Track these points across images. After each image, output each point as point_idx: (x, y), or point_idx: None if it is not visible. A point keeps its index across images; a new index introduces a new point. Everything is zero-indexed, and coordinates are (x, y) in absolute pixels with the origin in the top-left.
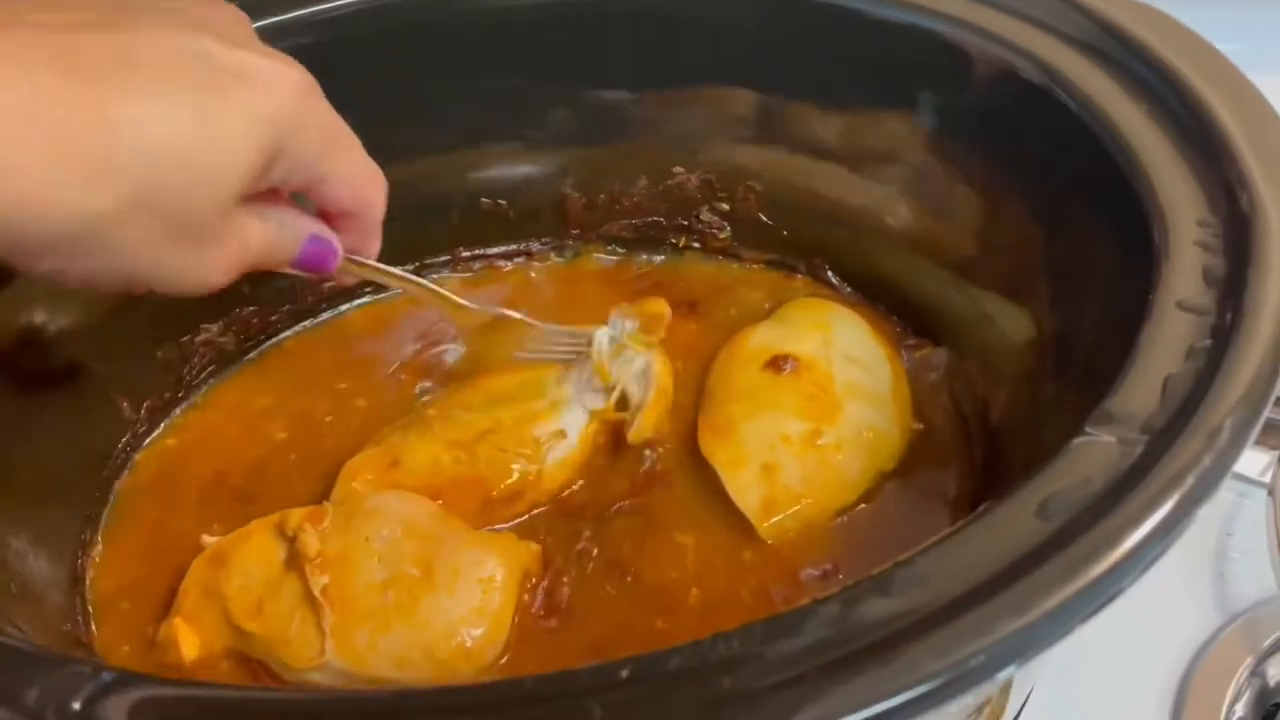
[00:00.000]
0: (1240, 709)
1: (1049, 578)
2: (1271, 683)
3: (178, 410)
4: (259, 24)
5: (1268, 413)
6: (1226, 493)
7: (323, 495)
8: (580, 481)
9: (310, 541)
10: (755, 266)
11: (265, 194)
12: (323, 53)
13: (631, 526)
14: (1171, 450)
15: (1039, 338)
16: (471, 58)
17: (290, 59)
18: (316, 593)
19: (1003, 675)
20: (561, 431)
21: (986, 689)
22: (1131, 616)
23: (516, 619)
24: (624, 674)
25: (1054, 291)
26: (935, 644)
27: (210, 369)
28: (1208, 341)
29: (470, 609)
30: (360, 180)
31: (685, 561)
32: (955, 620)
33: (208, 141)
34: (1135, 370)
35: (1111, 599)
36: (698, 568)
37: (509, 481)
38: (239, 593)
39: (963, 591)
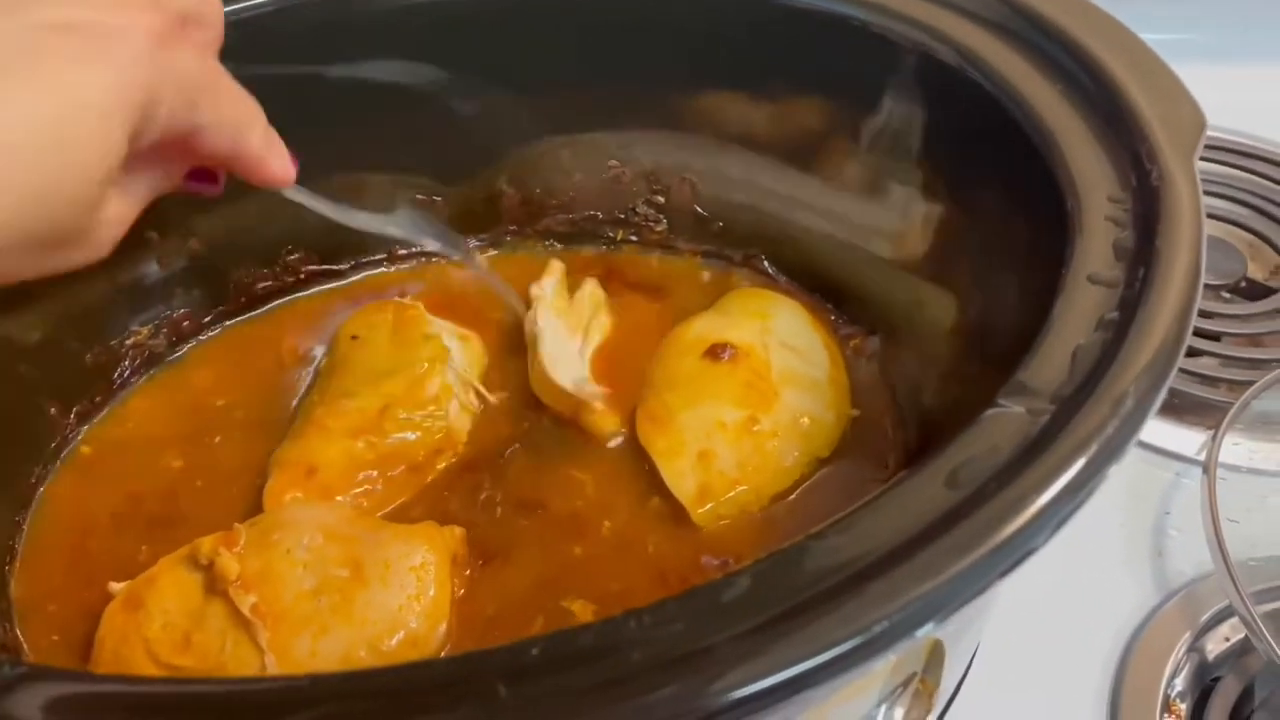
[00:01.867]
0: (1179, 684)
1: (955, 543)
2: (1209, 657)
3: (105, 411)
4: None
5: (1172, 379)
6: (1164, 472)
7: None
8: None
9: (229, 564)
10: (693, 259)
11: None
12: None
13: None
14: (1077, 418)
15: (964, 318)
16: (401, 51)
17: (142, 3)
18: (246, 612)
19: (909, 642)
20: (449, 386)
21: (897, 655)
22: (1070, 594)
23: (453, 602)
24: (534, 652)
25: (976, 272)
26: (844, 612)
27: (141, 372)
28: (1116, 313)
29: (408, 596)
30: (236, 124)
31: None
32: (863, 588)
33: (75, 113)
34: (1046, 343)
35: (1018, 563)
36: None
37: (427, 442)
38: (161, 632)
39: (872, 560)
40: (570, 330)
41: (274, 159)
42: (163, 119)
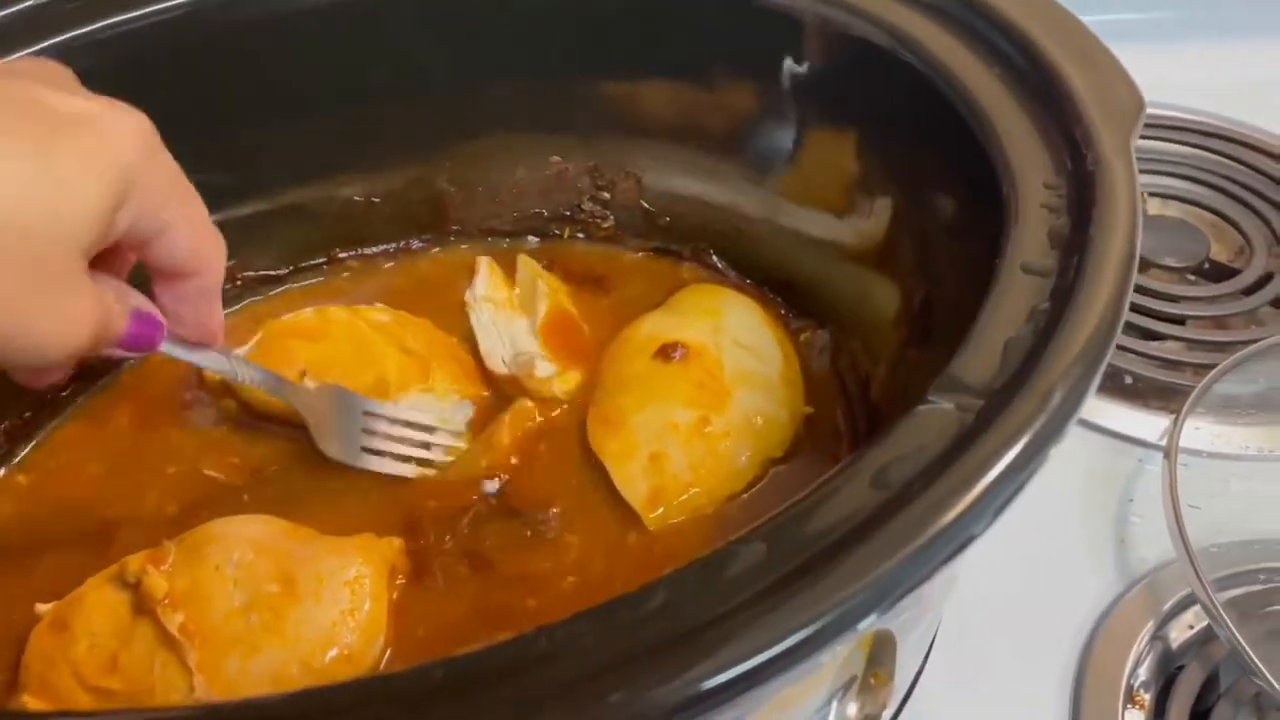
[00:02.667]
0: (1142, 673)
1: (879, 547)
2: (1173, 646)
3: (42, 432)
4: (105, 22)
5: (1103, 369)
6: (1127, 459)
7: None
8: None
9: (156, 583)
10: (641, 254)
11: (98, 261)
12: (168, 53)
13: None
14: (1005, 413)
15: (906, 307)
16: (335, 50)
17: (126, 105)
18: (173, 631)
19: (831, 646)
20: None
21: (830, 660)
22: (1032, 583)
23: (391, 616)
24: (437, 675)
25: (917, 259)
26: (764, 622)
27: (73, 386)
28: (1048, 303)
29: (340, 612)
30: (203, 232)
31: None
32: (790, 592)
33: (57, 186)
34: (977, 335)
35: (944, 562)
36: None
37: None
38: (88, 653)
39: (795, 565)
40: (513, 312)
41: (215, 310)
42: (140, 198)
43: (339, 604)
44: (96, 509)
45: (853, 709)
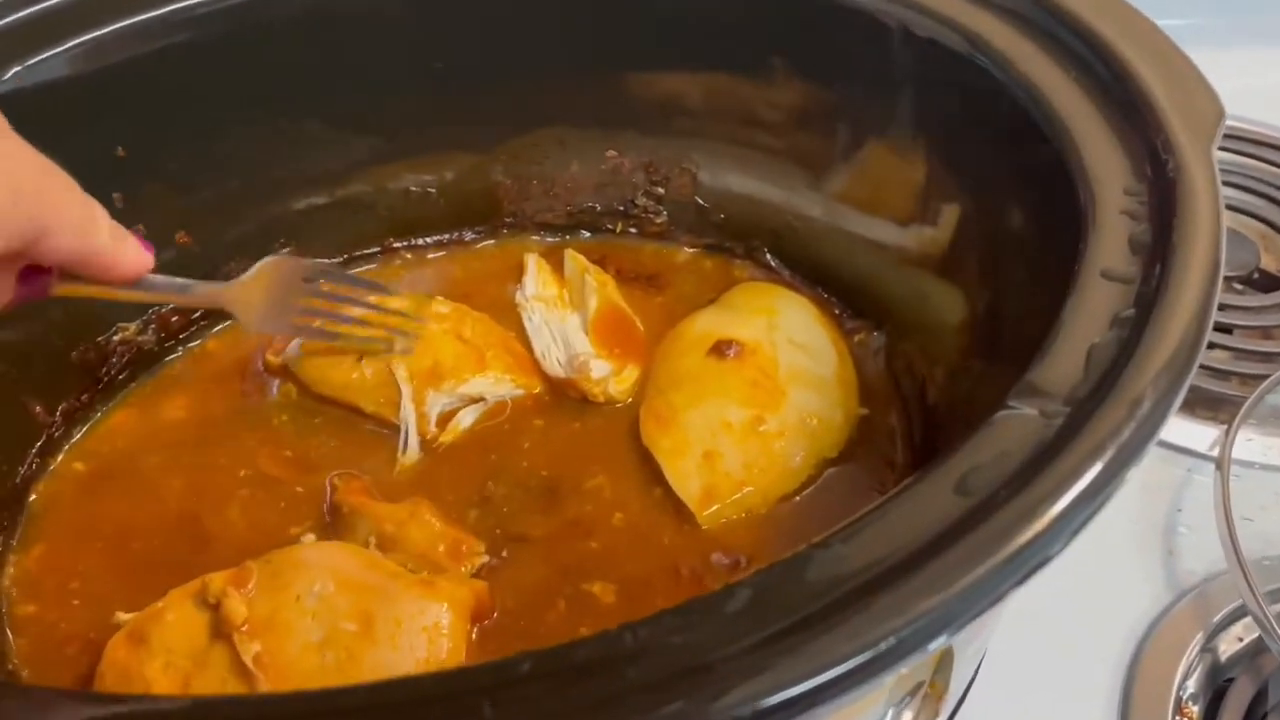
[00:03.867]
0: (1191, 685)
1: (966, 554)
2: (1222, 658)
3: (97, 414)
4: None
5: (1191, 379)
6: (1176, 468)
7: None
8: None
9: (236, 608)
10: (694, 251)
11: None
12: (232, 45)
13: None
14: (1093, 421)
15: (971, 314)
16: (394, 41)
17: None
18: (248, 661)
19: (913, 657)
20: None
21: (906, 670)
22: (1082, 593)
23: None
24: (524, 668)
25: (983, 266)
26: (850, 627)
27: (129, 370)
28: (1132, 310)
29: (417, 661)
30: (81, 222)
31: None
32: (870, 601)
33: None
34: (1059, 341)
35: (1031, 573)
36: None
37: None
38: (162, 672)
39: (879, 571)
40: (564, 310)
41: (126, 252)
42: (7, 224)
43: (415, 652)
44: (163, 504)
45: (907, 718)
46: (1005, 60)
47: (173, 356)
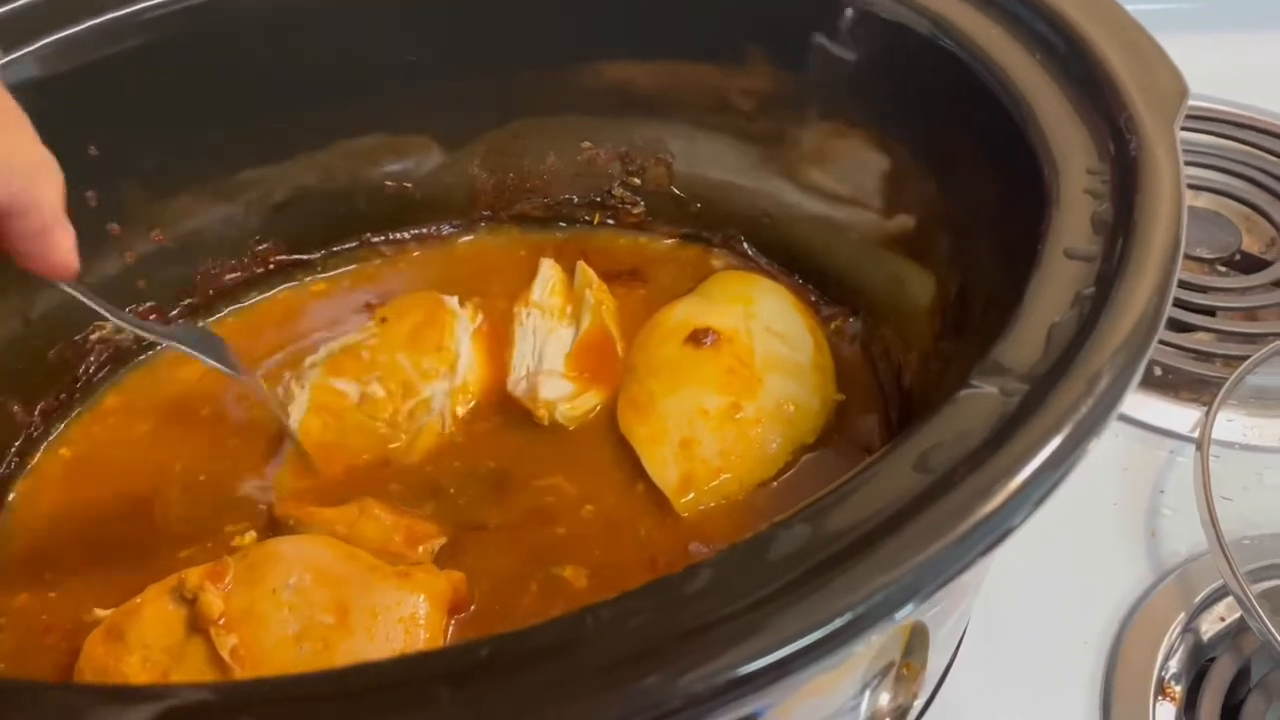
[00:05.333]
0: (1174, 665)
1: (923, 530)
2: (1205, 638)
3: (74, 413)
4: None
5: (1149, 355)
6: (1159, 450)
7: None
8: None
9: (212, 602)
10: (671, 242)
11: None
12: (201, 43)
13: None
14: (1050, 398)
15: (942, 296)
16: (366, 36)
17: None
18: (225, 654)
19: (872, 633)
20: (425, 404)
21: (867, 645)
22: (1063, 575)
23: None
24: (483, 653)
25: (953, 248)
26: (808, 604)
27: (108, 368)
28: (1092, 288)
29: (393, 652)
30: (22, 170)
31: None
32: (829, 577)
33: None
34: (1021, 320)
35: (989, 549)
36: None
37: (377, 446)
38: (140, 667)
39: (838, 548)
40: (558, 323)
41: (61, 237)
42: None
43: (391, 642)
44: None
45: (885, 698)
46: (970, 42)
47: (150, 354)
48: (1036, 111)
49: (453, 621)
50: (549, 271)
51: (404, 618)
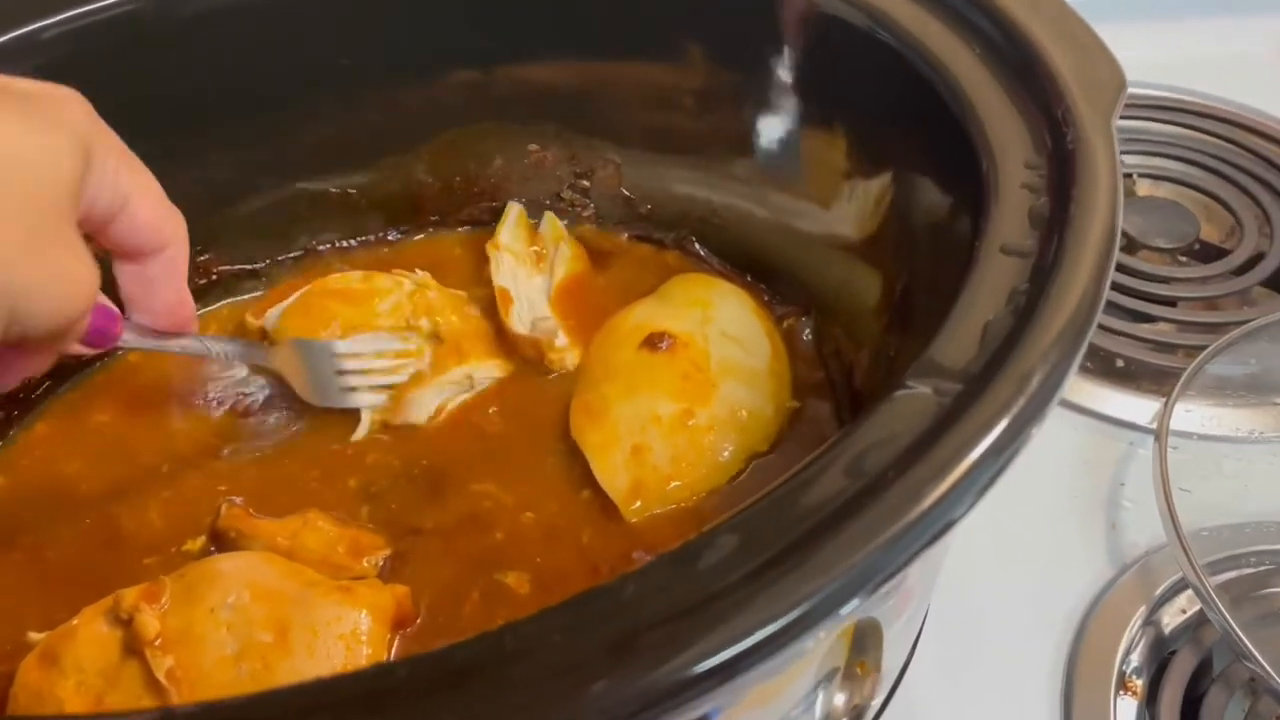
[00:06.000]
0: (1135, 659)
1: (854, 536)
2: (1166, 631)
3: (13, 431)
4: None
5: (1083, 350)
6: (1119, 442)
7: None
8: None
9: (148, 623)
10: (624, 241)
11: None
12: (134, 44)
13: None
14: (983, 397)
15: (888, 294)
16: (305, 39)
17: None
18: (160, 677)
19: (807, 642)
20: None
21: (799, 654)
22: (1023, 568)
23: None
24: (400, 674)
25: (898, 245)
26: (734, 616)
27: (47, 384)
28: (1027, 285)
29: (334, 670)
30: (162, 204)
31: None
32: (757, 587)
33: (43, 149)
34: (956, 318)
35: (922, 549)
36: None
37: None
38: (75, 691)
39: (765, 558)
40: (532, 269)
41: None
42: (99, 163)
43: (332, 660)
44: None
45: (840, 699)
46: (908, 35)
47: (89, 370)
48: (975, 105)
49: (397, 636)
50: (516, 216)
51: (345, 634)
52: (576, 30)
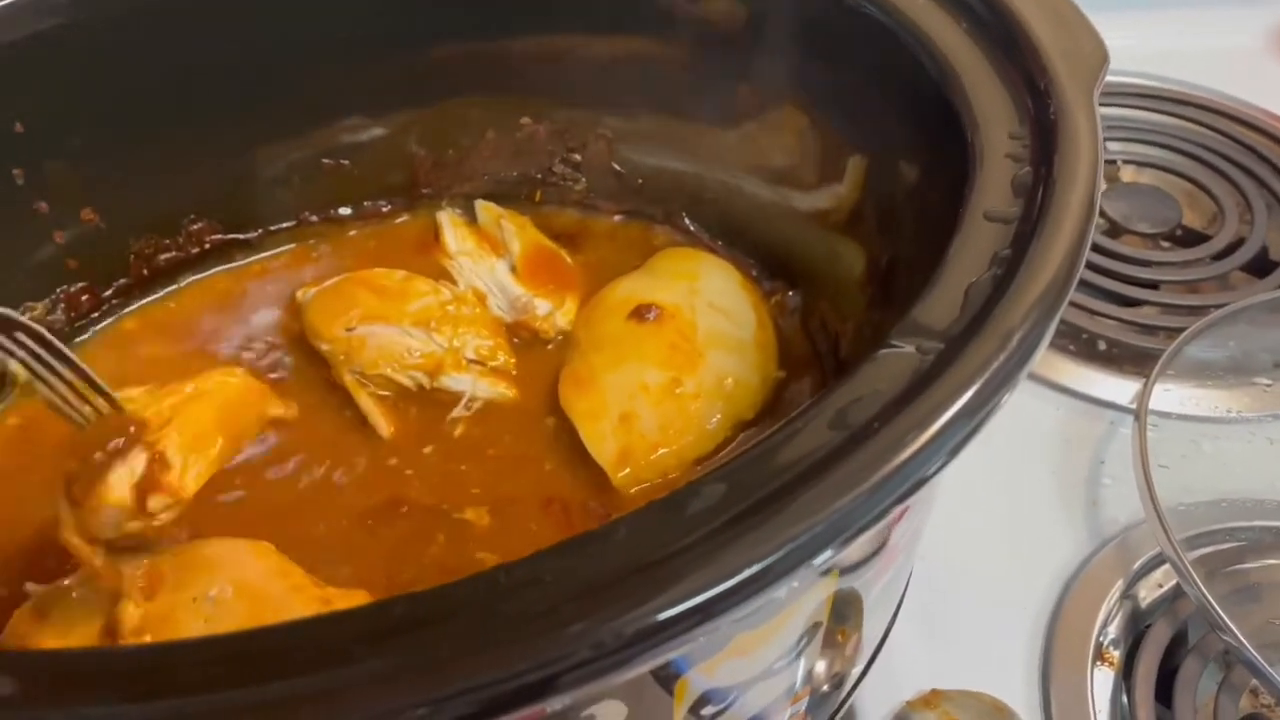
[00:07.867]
0: (1112, 631)
1: (834, 485)
2: (1142, 604)
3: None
4: None
5: (1061, 312)
6: (1100, 422)
7: None
8: None
9: (130, 613)
10: (614, 219)
11: None
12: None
13: None
14: (965, 354)
15: (873, 266)
16: (295, 11)
17: None
18: None
19: (785, 587)
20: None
21: (778, 601)
22: (1004, 543)
23: None
24: (397, 612)
25: (883, 217)
26: (717, 557)
27: None
28: (1009, 249)
29: None
30: None
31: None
32: (739, 531)
33: None
34: (940, 281)
35: (899, 500)
36: None
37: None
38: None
39: (748, 504)
40: (490, 258)
41: None
42: None
43: None
44: None
45: (821, 666)
46: (895, 10)
47: (83, 337)
48: (961, 77)
49: None
50: (449, 223)
51: None
52: (564, 4)
